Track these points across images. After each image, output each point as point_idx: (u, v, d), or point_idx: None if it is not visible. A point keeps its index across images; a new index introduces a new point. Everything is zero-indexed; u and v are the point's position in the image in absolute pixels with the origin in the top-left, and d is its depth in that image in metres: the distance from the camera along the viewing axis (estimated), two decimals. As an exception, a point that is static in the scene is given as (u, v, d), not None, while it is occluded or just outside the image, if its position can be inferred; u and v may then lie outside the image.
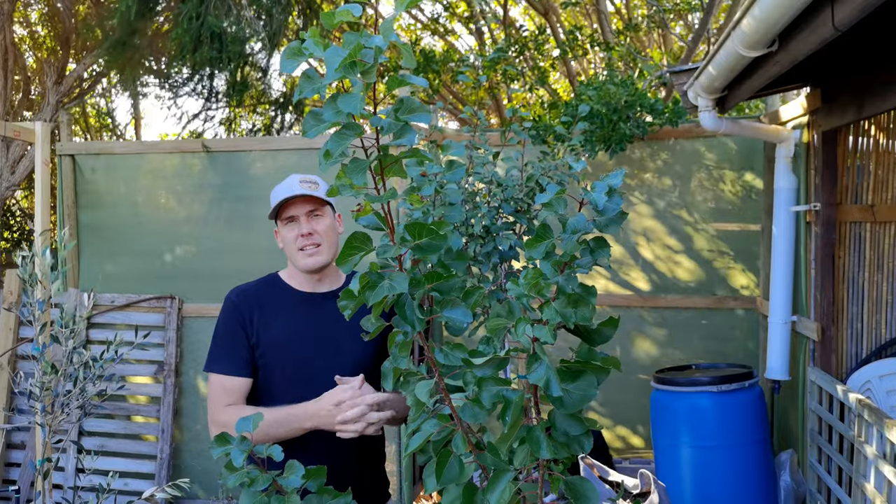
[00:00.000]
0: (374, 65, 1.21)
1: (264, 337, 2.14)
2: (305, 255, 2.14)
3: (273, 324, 2.15)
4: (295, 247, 2.15)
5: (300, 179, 2.15)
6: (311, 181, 2.16)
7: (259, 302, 2.17)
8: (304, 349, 2.13)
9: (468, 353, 1.38)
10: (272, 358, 2.13)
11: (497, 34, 10.06)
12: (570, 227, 1.31)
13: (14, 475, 4.83)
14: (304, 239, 2.13)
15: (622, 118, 4.12)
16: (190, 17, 5.98)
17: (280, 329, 2.14)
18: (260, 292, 2.20)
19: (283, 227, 2.18)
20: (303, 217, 2.14)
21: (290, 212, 2.15)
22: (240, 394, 2.14)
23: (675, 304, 4.59)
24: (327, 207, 2.20)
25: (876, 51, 2.83)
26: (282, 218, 2.17)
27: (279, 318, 2.15)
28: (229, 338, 2.15)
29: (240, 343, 2.14)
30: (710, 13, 7.30)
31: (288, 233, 2.16)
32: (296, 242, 2.14)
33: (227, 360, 2.14)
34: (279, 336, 2.14)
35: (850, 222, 3.54)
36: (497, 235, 2.49)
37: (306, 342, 2.13)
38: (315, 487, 1.55)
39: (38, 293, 2.49)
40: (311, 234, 2.13)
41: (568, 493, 1.34)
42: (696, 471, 3.69)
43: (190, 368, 4.83)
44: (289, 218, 2.16)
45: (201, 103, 7.58)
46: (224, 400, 2.12)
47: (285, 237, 2.17)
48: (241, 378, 2.13)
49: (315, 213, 2.16)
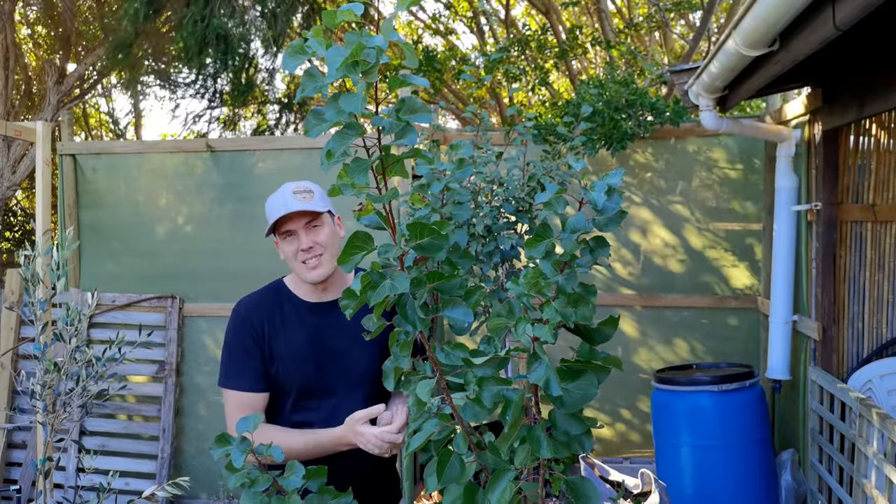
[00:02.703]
0: (375, 64, 1.21)
1: (275, 349, 2.11)
2: (308, 268, 2.08)
3: (282, 335, 2.12)
4: (297, 261, 2.09)
5: (293, 190, 2.07)
6: (306, 190, 2.08)
7: (268, 313, 2.13)
8: (313, 360, 2.10)
9: (469, 353, 1.38)
10: (282, 369, 2.10)
11: (499, 33, 10.06)
12: (570, 226, 1.31)
13: (15, 474, 4.84)
14: (305, 253, 2.07)
15: (623, 116, 4.12)
16: (195, 20, 5.98)
17: (289, 340, 2.11)
18: (267, 303, 2.15)
19: (282, 241, 2.11)
20: (301, 231, 2.07)
21: (288, 227, 2.08)
22: (258, 409, 2.10)
23: (675, 303, 4.59)
24: (325, 215, 2.12)
25: (877, 50, 2.82)
26: (279, 233, 2.11)
27: (288, 329, 2.12)
28: (243, 352, 2.11)
29: (253, 357, 2.10)
30: (710, 12, 7.30)
31: (287, 247, 2.10)
32: (297, 257, 2.08)
33: (243, 376, 2.10)
34: (289, 347, 2.11)
35: (852, 222, 3.53)
36: (498, 235, 2.49)
37: (315, 353, 2.11)
38: (315, 488, 1.55)
39: (40, 293, 2.49)
40: (311, 247, 2.07)
41: (569, 493, 1.34)
42: (697, 470, 3.69)
43: (191, 368, 4.83)
44: (287, 232, 2.09)
45: (204, 104, 7.58)
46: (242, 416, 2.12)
47: (285, 251, 2.11)
48: (258, 394, 2.10)
49: (313, 225, 2.08)
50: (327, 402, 2.09)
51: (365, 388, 2.11)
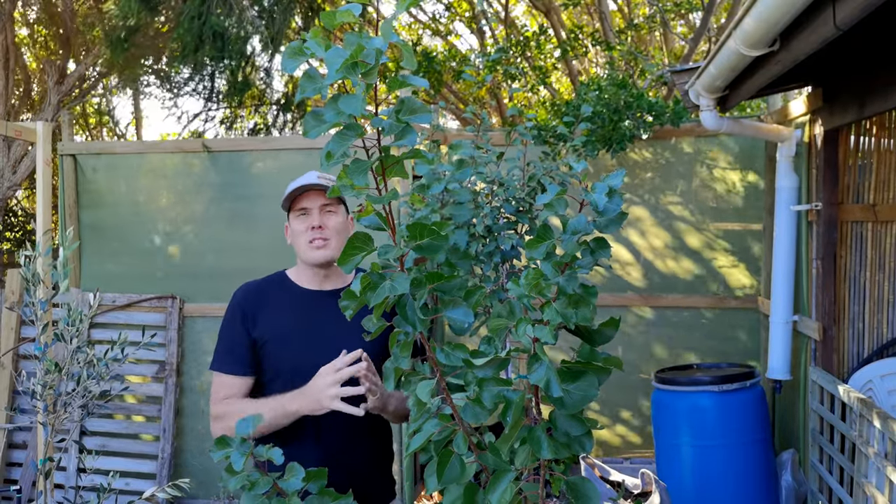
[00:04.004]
0: (375, 66, 1.20)
1: (266, 333, 2.14)
2: (313, 247, 2.13)
3: (276, 320, 2.15)
4: (304, 238, 2.14)
5: (318, 175, 2.15)
6: (330, 178, 2.15)
7: (263, 298, 2.18)
8: (305, 346, 2.13)
9: (469, 354, 1.38)
10: (273, 354, 2.13)
11: (498, 33, 10.06)
12: (571, 227, 1.31)
13: (16, 475, 4.84)
14: (314, 231, 2.13)
15: (623, 118, 4.12)
16: (192, 17, 5.98)
17: (282, 325, 2.14)
18: (264, 289, 2.21)
19: (295, 218, 2.17)
20: (315, 210, 2.14)
21: (304, 203, 2.14)
22: (239, 392, 2.14)
23: (676, 303, 4.59)
24: (341, 206, 2.19)
25: (877, 50, 2.82)
26: (294, 209, 2.17)
27: (282, 314, 2.16)
28: (229, 336, 2.17)
29: (239, 341, 2.15)
30: (710, 12, 7.30)
31: (298, 224, 2.15)
32: (305, 234, 2.14)
33: (227, 359, 2.16)
34: (280, 332, 2.14)
35: (852, 222, 3.53)
36: (499, 235, 2.49)
37: (308, 339, 2.13)
38: (316, 489, 1.55)
39: (41, 293, 2.49)
40: (321, 227, 2.13)
41: (569, 493, 1.34)
42: (698, 470, 3.69)
43: (191, 368, 4.83)
44: (301, 209, 2.15)
45: (202, 103, 7.58)
46: (221, 396, 2.15)
47: (295, 229, 2.17)
48: (239, 377, 2.14)
49: (328, 209, 2.15)
50: None
51: None
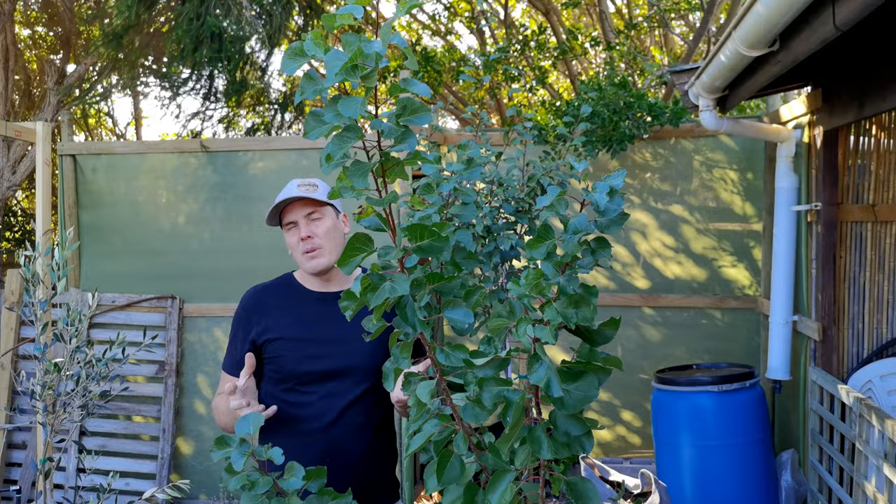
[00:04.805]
0: (374, 69, 1.20)
1: (271, 334, 2.16)
2: (308, 258, 2.16)
3: (280, 321, 2.18)
4: (298, 251, 2.17)
5: (298, 183, 2.17)
6: (310, 184, 2.16)
7: (269, 300, 2.21)
8: (306, 342, 2.15)
9: (469, 354, 1.38)
10: (278, 354, 2.15)
11: (498, 33, 10.06)
12: (572, 227, 1.31)
13: (15, 475, 4.84)
14: (305, 243, 2.15)
15: (622, 118, 4.12)
16: (190, 18, 5.98)
17: (280, 321, 2.17)
18: (271, 291, 2.25)
19: (286, 232, 2.20)
20: (301, 220, 2.16)
21: (290, 217, 2.18)
22: None
23: (676, 303, 4.60)
24: (327, 209, 2.19)
25: (877, 50, 2.83)
26: (283, 224, 2.20)
27: (281, 310, 2.19)
28: (232, 337, 2.24)
29: (240, 342, 2.19)
30: (710, 12, 7.30)
31: (290, 238, 2.19)
32: (298, 247, 2.17)
33: (227, 359, 2.24)
34: (279, 328, 2.17)
35: (852, 222, 3.54)
36: (498, 235, 2.49)
37: (309, 335, 2.16)
38: (316, 489, 1.55)
39: (40, 293, 2.49)
40: (309, 237, 2.14)
41: (569, 493, 1.34)
42: (697, 470, 3.69)
43: (191, 368, 4.83)
44: (289, 224, 2.18)
45: (200, 102, 7.57)
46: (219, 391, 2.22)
47: (289, 243, 2.20)
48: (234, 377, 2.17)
49: (313, 217, 2.16)
50: (323, 387, 2.12)
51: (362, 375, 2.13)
